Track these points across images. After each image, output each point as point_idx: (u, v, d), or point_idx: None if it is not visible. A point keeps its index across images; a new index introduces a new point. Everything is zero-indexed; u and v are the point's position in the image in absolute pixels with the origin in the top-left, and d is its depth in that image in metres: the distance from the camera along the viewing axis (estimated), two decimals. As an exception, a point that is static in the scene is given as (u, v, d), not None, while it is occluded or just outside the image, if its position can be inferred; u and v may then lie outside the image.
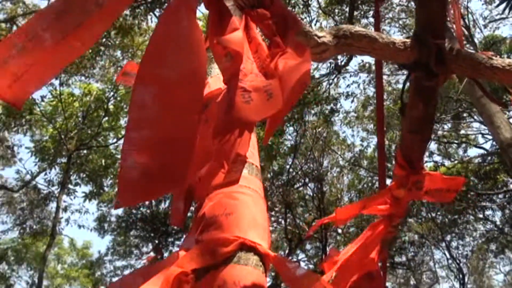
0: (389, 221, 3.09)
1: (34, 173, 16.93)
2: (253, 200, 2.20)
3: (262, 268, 2.02)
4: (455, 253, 21.39)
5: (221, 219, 2.05)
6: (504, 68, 2.23)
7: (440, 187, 2.89)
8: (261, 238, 2.06)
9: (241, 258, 1.96)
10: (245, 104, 1.67)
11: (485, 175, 16.43)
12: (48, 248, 14.52)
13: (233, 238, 1.96)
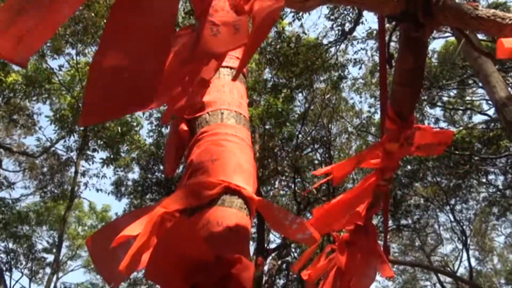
0: (381, 174, 3.17)
1: (53, 140, 17.63)
2: (240, 147, 2.22)
3: (246, 211, 2.06)
4: (458, 216, 21.94)
5: (207, 165, 2.08)
6: (488, 18, 2.20)
7: (431, 141, 2.93)
8: (246, 183, 2.09)
9: (226, 200, 1.99)
10: (213, 36, 1.71)
11: (488, 141, 16.80)
12: (67, 210, 15.19)
13: (217, 181, 1.99)
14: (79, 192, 18.85)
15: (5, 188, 16.23)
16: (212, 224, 1.88)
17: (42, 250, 18.87)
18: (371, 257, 3.52)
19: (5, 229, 14.96)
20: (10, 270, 17.08)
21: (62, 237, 14.48)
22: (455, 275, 21.04)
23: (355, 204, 3.33)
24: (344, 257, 3.69)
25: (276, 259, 18.23)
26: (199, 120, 2.33)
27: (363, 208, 3.32)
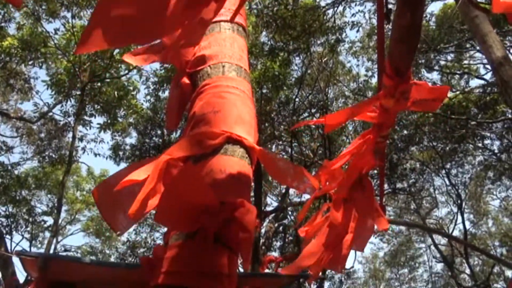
0: (378, 131, 3.19)
1: (50, 105, 17.59)
2: (241, 99, 2.29)
3: (248, 160, 2.13)
4: (454, 180, 22.20)
5: (210, 116, 2.14)
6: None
7: (427, 96, 2.91)
8: (247, 133, 2.15)
9: (228, 150, 2.05)
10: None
11: (485, 106, 16.86)
12: (66, 174, 15.26)
13: (220, 132, 2.05)
14: (77, 157, 18.90)
15: (4, 153, 16.28)
16: (216, 171, 1.95)
17: (41, 213, 19.00)
18: (367, 212, 3.60)
19: (5, 193, 15.07)
20: (10, 233, 17.28)
21: (61, 201, 14.59)
22: (449, 235, 21.38)
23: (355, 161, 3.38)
24: (339, 214, 3.74)
25: (273, 222, 18.46)
26: (200, 73, 2.37)
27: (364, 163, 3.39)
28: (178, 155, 1.92)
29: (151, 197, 1.72)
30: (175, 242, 1.77)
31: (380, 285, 34.55)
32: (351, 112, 3.09)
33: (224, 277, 1.71)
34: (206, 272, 1.68)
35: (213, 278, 1.68)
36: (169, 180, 1.68)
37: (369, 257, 35.52)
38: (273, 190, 20.88)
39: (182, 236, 1.77)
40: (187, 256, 1.71)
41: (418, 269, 32.31)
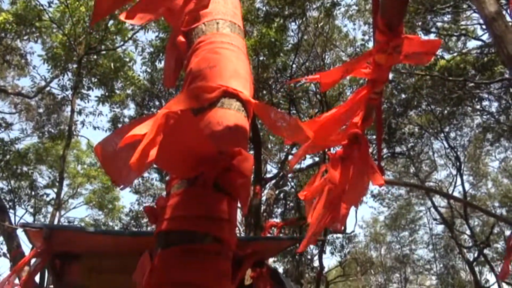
0: (371, 86, 3.19)
1: (47, 80, 17.57)
2: (236, 55, 2.31)
3: (244, 113, 2.17)
4: (453, 143, 22.29)
5: (206, 72, 2.17)
6: None
7: (418, 50, 2.91)
8: (243, 87, 2.20)
9: (224, 103, 2.10)
10: None
11: (482, 67, 16.81)
12: (66, 147, 15.31)
13: (216, 85, 2.10)
14: (77, 130, 18.97)
15: (3, 129, 16.33)
16: (213, 123, 2.01)
17: (43, 187, 19.17)
18: (363, 168, 3.66)
19: (6, 168, 15.17)
20: (14, 207, 17.46)
21: (63, 174, 14.70)
22: (448, 194, 21.57)
23: (348, 116, 3.41)
24: (337, 172, 3.79)
25: (274, 189, 18.63)
26: (195, 31, 2.41)
27: (357, 120, 3.46)
28: (176, 108, 1.93)
29: (152, 148, 1.78)
30: (176, 190, 1.84)
31: (381, 248, 35.05)
32: (345, 69, 3.07)
33: (225, 221, 1.79)
34: (207, 216, 1.76)
35: (213, 222, 1.76)
36: (168, 129, 1.74)
37: (369, 221, 35.99)
38: (272, 157, 21.01)
39: (183, 184, 1.84)
40: (188, 202, 1.78)
41: (419, 231, 32.79)
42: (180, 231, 1.74)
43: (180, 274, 1.67)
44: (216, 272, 1.71)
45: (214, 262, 1.72)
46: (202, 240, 1.72)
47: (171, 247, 1.73)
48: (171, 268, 1.70)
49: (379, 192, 27.51)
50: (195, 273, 1.67)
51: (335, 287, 27.43)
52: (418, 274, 33.87)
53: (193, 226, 1.73)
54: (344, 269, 28.69)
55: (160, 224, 1.81)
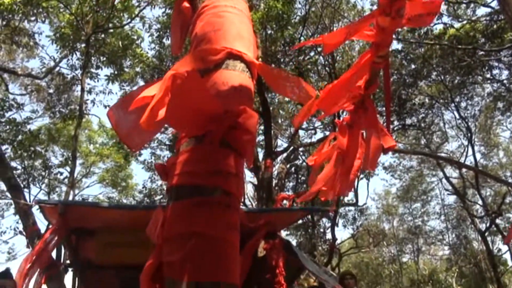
0: (375, 50, 3.15)
1: (56, 60, 17.68)
2: (239, 18, 2.36)
3: (248, 74, 2.22)
4: (463, 113, 22.15)
5: (210, 35, 2.23)
6: None
7: (420, 11, 2.91)
8: (247, 49, 2.26)
9: (229, 64, 2.15)
10: None
11: (492, 34, 16.63)
12: (77, 126, 15.43)
13: (220, 48, 2.16)
14: (87, 110, 19.10)
15: (15, 110, 16.46)
16: (218, 84, 2.08)
17: (57, 166, 19.36)
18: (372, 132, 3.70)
19: (19, 147, 15.33)
20: (28, 186, 17.67)
21: (75, 152, 14.84)
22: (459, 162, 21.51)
23: (354, 81, 3.48)
24: (345, 139, 3.84)
25: (285, 163, 18.70)
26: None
27: (362, 83, 3.51)
28: (183, 70, 1.99)
29: (161, 107, 1.85)
30: (185, 148, 1.92)
31: (393, 220, 35.17)
32: (348, 31, 3.02)
33: (232, 176, 1.87)
34: (215, 170, 1.84)
35: (222, 176, 1.84)
36: (175, 89, 1.81)
37: (381, 194, 36.08)
38: (283, 132, 21.05)
39: (192, 142, 1.92)
40: (197, 158, 1.86)
41: (431, 202, 32.80)
42: (190, 185, 1.82)
43: (190, 225, 1.75)
44: (225, 223, 1.79)
45: (223, 213, 1.80)
46: (211, 193, 1.80)
47: (182, 200, 1.82)
48: (181, 219, 1.79)
49: (390, 164, 27.59)
50: (205, 223, 1.75)
51: (348, 259, 27.67)
52: (431, 245, 34.03)
53: (202, 180, 1.81)
54: (357, 241, 28.92)
55: (171, 179, 1.89)
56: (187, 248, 1.71)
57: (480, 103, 22.70)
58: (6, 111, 15.52)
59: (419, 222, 32.93)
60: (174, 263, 1.74)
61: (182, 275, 1.70)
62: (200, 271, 1.70)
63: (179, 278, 1.70)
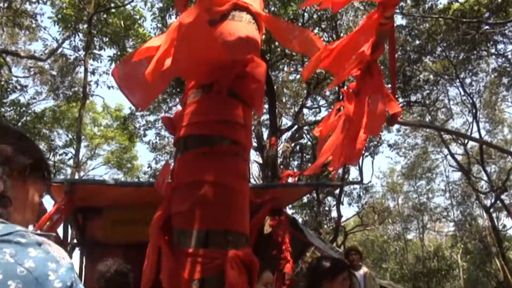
0: (382, 10, 3.03)
1: (59, 41, 17.62)
2: None
3: (255, 25, 2.19)
4: (468, 89, 22.04)
5: None
6: None
7: None
8: (253, 0, 2.23)
9: (235, 16, 2.12)
10: None
11: (496, 8, 16.47)
12: (82, 107, 15.41)
13: None
14: (91, 91, 19.07)
15: (19, 92, 16.46)
16: (225, 34, 2.05)
17: (62, 147, 19.38)
18: (377, 97, 3.67)
19: (23, 129, 15.33)
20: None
21: (80, 132, 14.85)
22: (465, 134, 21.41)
23: (360, 42, 3.43)
24: (352, 105, 3.81)
25: (290, 141, 18.69)
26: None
27: (367, 47, 3.47)
28: (189, 20, 1.90)
29: (166, 57, 1.82)
30: (192, 99, 1.90)
31: (398, 198, 35.22)
32: None
33: (241, 126, 1.85)
34: (224, 120, 1.81)
35: (230, 126, 1.82)
36: (181, 37, 1.78)
37: (386, 172, 36.08)
38: (287, 111, 21.00)
39: (199, 93, 1.89)
40: (205, 108, 1.84)
41: (435, 179, 32.79)
42: (198, 135, 1.80)
43: (199, 174, 1.74)
44: (234, 171, 1.78)
45: (232, 162, 1.78)
46: (219, 142, 1.78)
47: (190, 151, 1.80)
48: (190, 169, 1.77)
49: (395, 141, 27.49)
50: (213, 172, 1.74)
51: (353, 237, 27.78)
52: (436, 222, 34.10)
53: (211, 130, 1.79)
54: (362, 219, 29.00)
55: (179, 131, 1.87)
56: (196, 197, 1.70)
57: (484, 79, 22.60)
58: (10, 93, 15.50)
59: (424, 199, 32.98)
60: (183, 213, 1.73)
61: (191, 225, 1.69)
62: (209, 220, 1.69)
63: (188, 227, 1.70)
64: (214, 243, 1.66)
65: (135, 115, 18.33)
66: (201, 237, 1.66)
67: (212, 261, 1.62)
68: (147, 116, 18.85)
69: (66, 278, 1.14)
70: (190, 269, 1.63)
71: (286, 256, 7.86)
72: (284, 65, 18.05)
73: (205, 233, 1.67)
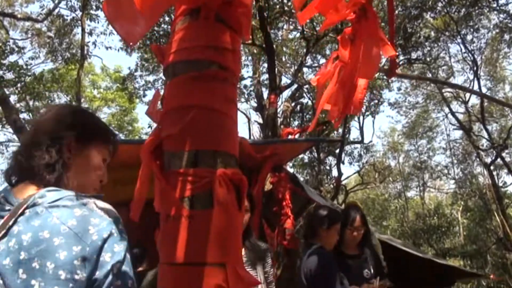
0: None
1: (55, 1, 17.41)
2: None
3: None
4: (470, 46, 21.92)
5: None
6: None
7: None
8: None
9: None
10: None
11: (499, -39, 16.25)
12: (80, 67, 15.40)
13: None
14: (89, 52, 18.96)
15: (16, 54, 16.36)
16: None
17: (61, 107, 19.24)
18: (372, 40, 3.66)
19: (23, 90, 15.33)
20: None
21: (80, 94, 14.87)
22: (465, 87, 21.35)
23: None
24: (347, 51, 3.80)
25: (290, 101, 18.68)
26: None
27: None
28: None
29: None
30: (180, 26, 1.91)
31: (399, 157, 35.40)
32: None
33: (229, 51, 1.87)
34: (211, 46, 1.83)
35: (218, 51, 1.83)
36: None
37: (387, 131, 36.21)
38: (287, 70, 20.88)
39: (186, 20, 1.90)
40: (192, 34, 1.85)
41: (436, 138, 32.92)
42: (186, 61, 1.83)
43: (188, 98, 1.77)
44: (222, 96, 1.81)
45: (220, 87, 1.81)
46: (208, 67, 1.80)
47: (179, 76, 1.83)
48: (179, 94, 1.80)
49: (396, 100, 27.49)
50: (203, 96, 1.77)
51: (354, 195, 28.05)
52: (436, 179, 34.46)
53: (199, 55, 1.81)
54: (363, 177, 29.25)
55: (167, 58, 1.90)
56: (185, 120, 1.74)
57: (486, 36, 22.46)
58: (8, 55, 15.44)
59: (425, 158, 33.20)
60: (172, 136, 1.76)
61: (180, 146, 1.73)
62: (198, 141, 1.72)
63: (177, 149, 1.74)
64: (203, 163, 1.70)
65: (134, 75, 18.30)
66: (191, 157, 1.71)
67: (201, 180, 1.67)
68: (146, 76, 18.83)
69: (103, 230, 1.41)
70: (181, 188, 1.68)
71: (286, 212, 7.97)
72: (283, 23, 17.89)
73: (194, 154, 1.71)
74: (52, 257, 1.31)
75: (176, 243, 1.61)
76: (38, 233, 1.34)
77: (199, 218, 1.63)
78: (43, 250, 1.31)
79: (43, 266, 1.30)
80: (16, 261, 1.31)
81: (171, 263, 1.62)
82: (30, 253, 1.31)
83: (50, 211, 1.39)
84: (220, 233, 1.63)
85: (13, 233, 1.36)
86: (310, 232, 4.83)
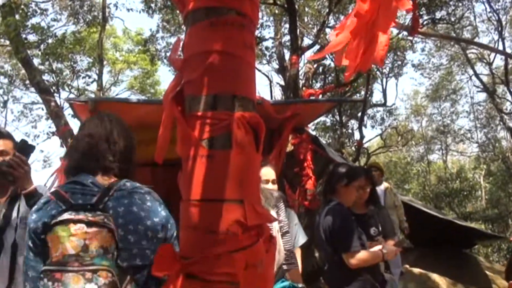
0: None
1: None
2: None
3: None
4: (495, 5, 21.39)
5: None
6: None
7: None
8: None
9: None
10: None
11: None
12: (102, 29, 15.41)
13: None
14: (111, 14, 18.96)
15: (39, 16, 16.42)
16: None
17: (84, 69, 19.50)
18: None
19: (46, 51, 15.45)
20: (58, 91, 17.95)
21: (102, 55, 14.96)
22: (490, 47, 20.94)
23: None
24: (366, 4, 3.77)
25: (312, 63, 18.55)
26: None
27: None
28: None
29: None
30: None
31: (422, 120, 35.07)
32: None
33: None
34: None
35: None
36: None
37: (410, 94, 35.81)
38: (309, 31, 20.64)
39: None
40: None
41: (460, 101, 32.45)
42: (205, 8, 1.87)
43: (208, 44, 1.82)
44: (241, 42, 1.85)
45: (238, 33, 1.86)
46: (226, 13, 1.85)
47: (198, 23, 1.88)
48: (199, 40, 1.85)
49: (420, 62, 27.04)
50: (221, 42, 1.82)
51: (376, 158, 27.98)
52: (459, 143, 34.10)
53: (217, 2, 1.86)
54: (385, 141, 29.11)
55: (187, 6, 1.94)
56: (205, 65, 1.79)
57: (512, -5, 21.86)
58: (30, 17, 15.54)
59: (448, 121, 32.81)
60: (193, 80, 1.83)
61: (200, 90, 1.79)
62: (217, 85, 1.79)
63: (197, 93, 1.80)
64: (222, 106, 1.76)
65: (156, 37, 18.31)
66: (210, 101, 1.77)
67: (220, 122, 1.74)
68: (168, 38, 18.83)
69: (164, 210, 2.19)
70: (200, 130, 1.76)
71: (307, 173, 8.05)
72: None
73: (213, 97, 1.77)
74: (142, 223, 2.05)
75: (196, 181, 1.70)
76: (128, 207, 2.05)
77: (219, 158, 1.71)
78: (134, 218, 2.04)
79: (135, 228, 2.03)
80: (116, 224, 1.98)
81: (191, 200, 1.70)
82: (125, 219, 2.02)
83: (132, 194, 2.12)
84: (239, 172, 1.70)
85: (109, 206, 2.03)
86: (329, 188, 4.89)
